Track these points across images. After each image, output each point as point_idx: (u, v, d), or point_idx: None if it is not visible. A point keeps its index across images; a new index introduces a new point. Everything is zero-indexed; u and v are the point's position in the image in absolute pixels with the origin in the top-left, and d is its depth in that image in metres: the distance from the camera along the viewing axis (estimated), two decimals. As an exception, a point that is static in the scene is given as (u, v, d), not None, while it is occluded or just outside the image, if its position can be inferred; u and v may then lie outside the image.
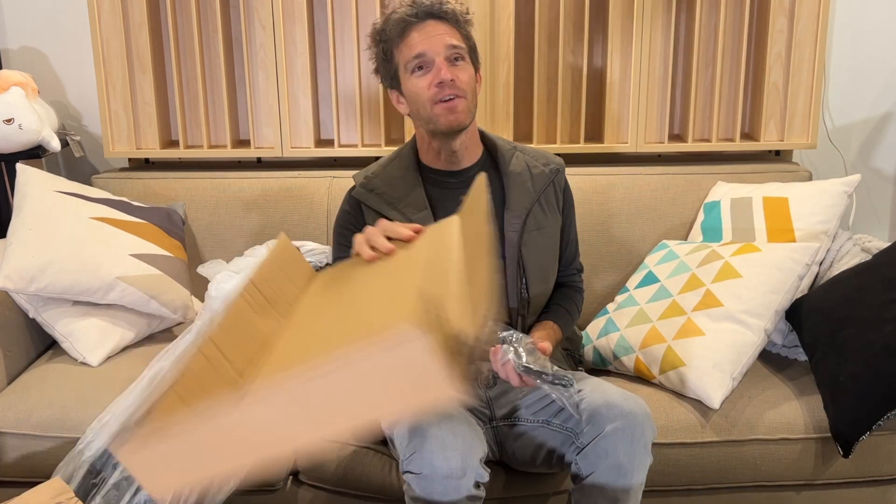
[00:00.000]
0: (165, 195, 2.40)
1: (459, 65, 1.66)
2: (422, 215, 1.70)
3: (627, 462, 1.52)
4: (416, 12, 1.66)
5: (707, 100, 2.46)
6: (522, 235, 1.73)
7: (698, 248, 2.09)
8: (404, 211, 1.71)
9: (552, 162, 1.82)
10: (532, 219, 1.76)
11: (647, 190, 2.35)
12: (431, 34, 1.65)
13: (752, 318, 1.91)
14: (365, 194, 1.76)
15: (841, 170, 2.68)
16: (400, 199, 1.72)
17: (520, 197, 1.75)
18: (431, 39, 1.64)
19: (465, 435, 1.49)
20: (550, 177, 1.79)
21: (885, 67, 2.62)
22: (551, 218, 1.80)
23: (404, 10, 1.67)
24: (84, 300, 2.05)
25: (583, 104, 2.43)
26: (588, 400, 1.59)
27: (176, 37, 2.41)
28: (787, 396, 1.91)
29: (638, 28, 2.34)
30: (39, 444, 1.86)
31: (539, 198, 1.77)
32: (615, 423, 1.54)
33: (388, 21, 1.68)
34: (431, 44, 1.64)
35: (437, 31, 1.65)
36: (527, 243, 1.74)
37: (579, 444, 1.58)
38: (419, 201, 1.72)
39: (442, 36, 1.65)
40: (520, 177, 1.76)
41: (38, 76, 2.55)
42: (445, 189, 1.75)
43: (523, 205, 1.75)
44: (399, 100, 1.74)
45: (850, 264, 2.02)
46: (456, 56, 1.65)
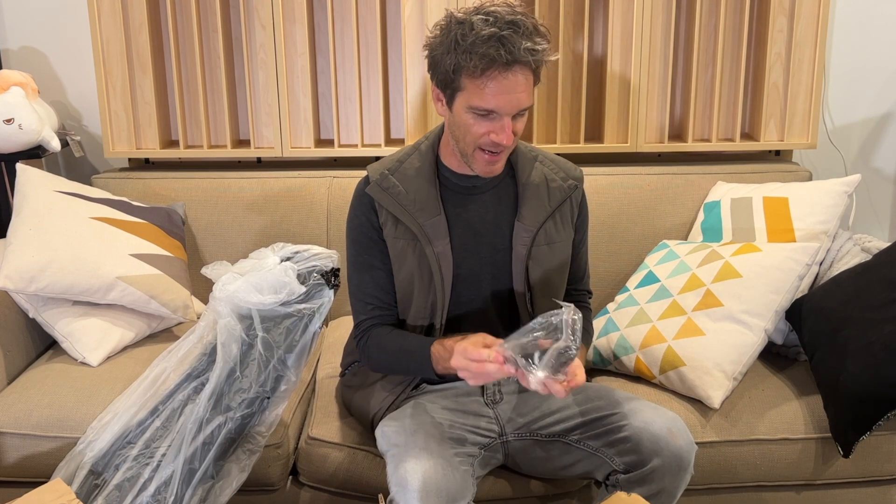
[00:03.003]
0: (165, 195, 2.40)
1: (521, 117, 1.58)
2: (434, 221, 1.67)
3: (672, 487, 1.56)
4: (506, 57, 1.48)
5: (707, 100, 2.46)
6: (531, 249, 1.69)
7: (698, 248, 2.09)
8: (417, 216, 1.67)
9: (571, 176, 1.75)
10: (543, 233, 1.70)
11: (647, 190, 2.35)
12: (509, 90, 1.51)
13: (752, 318, 1.91)
14: (379, 192, 1.69)
15: (841, 170, 2.68)
16: (414, 203, 1.67)
17: (534, 211, 1.70)
18: (507, 97, 1.52)
19: (448, 489, 1.47)
20: (568, 192, 1.73)
21: (885, 67, 2.62)
22: (563, 233, 1.74)
23: (496, 47, 1.48)
24: (84, 300, 2.05)
25: (583, 104, 2.43)
26: (631, 428, 1.58)
27: (176, 37, 2.41)
28: (787, 396, 1.91)
29: (638, 28, 2.34)
30: (39, 444, 1.86)
31: (553, 212, 1.71)
32: (662, 458, 1.54)
33: (473, 41, 1.49)
34: (504, 102, 1.52)
35: (516, 86, 1.51)
36: (535, 258, 1.70)
37: (617, 466, 1.59)
38: (433, 206, 1.67)
39: (518, 96, 1.52)
40: (536, 189, 1.70)
41: (38, 76, 2.55)
42: (461, 194, 1.71)
43: (536, 219, 1.69)
44: (441, 101, 1.62)
45: (850, 264, 2.02)
46: (522, 113, 1.57)
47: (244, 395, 1.66)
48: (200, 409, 1.64)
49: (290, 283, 1.67)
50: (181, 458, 1.61)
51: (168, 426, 1.66)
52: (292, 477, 1.88)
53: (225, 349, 1.67)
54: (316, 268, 1.69)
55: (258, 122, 2.49)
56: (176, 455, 1.61)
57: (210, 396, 1.65)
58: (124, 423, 1.68)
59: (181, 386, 1.70)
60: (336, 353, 2.10)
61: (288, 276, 1.67)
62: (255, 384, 1.67)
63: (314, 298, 1.70)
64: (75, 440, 1.83)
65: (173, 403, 1.68)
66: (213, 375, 1.66)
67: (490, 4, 1.53)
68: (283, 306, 1.68)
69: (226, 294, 1.67)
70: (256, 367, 1.67)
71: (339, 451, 1.80)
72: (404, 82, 2.41)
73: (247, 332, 1.68)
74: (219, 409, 1.65)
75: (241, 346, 1.67)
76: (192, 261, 2.36)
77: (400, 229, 1.68)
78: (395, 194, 1.68)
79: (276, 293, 1.66)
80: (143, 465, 1.63)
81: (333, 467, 1.79)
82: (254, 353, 1.67)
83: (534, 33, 1.50)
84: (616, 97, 2.42)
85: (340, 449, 1.80)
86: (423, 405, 1.68)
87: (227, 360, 1.66)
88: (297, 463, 1.86)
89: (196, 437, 1.63)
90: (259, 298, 1.67)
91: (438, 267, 1.67)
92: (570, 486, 1.79)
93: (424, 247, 1.67)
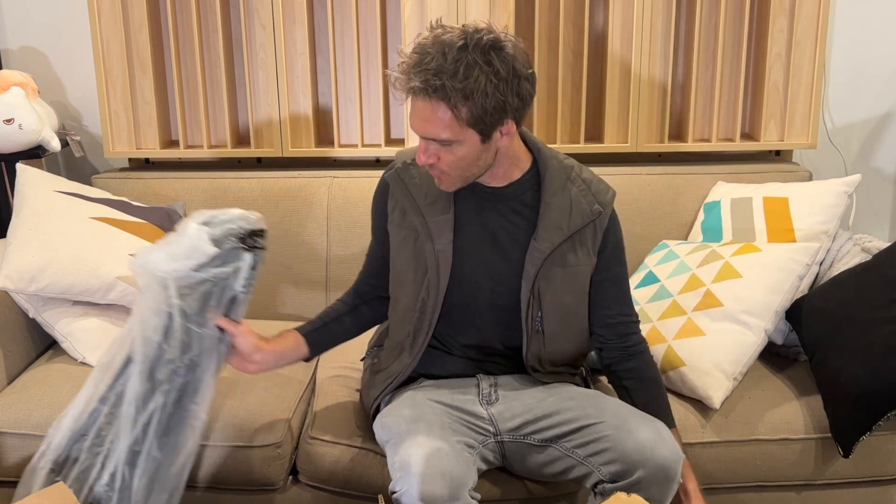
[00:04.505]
0: (165, 195, 2.40)
1: (446, 148, 1.53)
2: (441, 219, 1.66)
3: (659, 496, 1.55)
4: (403, 89, 1.50)
5: (707, 100, 2.46)
6: (541, 269, 1.65)
7: (698, 248, 2.09)
8: (425, 211, 1.67)
9: (599, 200, 1.68)
10: (558, 255, 1.66)
11: (647, 190, 2.35)
12: (415, 114, 1.52)
13: (752, 318, 1.91)
14: (396, 181, 1.71)
15: (841, 170, 2.68)
16: (425, 197, 1.67)
17: (550, 232, 1.64)
18: (415, 120, 1.53)
19: (452, 472, 1.47)
20: (590, 217, 1.67)
21: (885, 67, 2.62)
22: (583, 258, 1.68)
23: (400, 79, 1.50)
24: (84, 300, 2.05)
25: (583, 104, 2.43)
26: (614, 439, 1.56)
27: (176, 37, 2.41)
28: (787, 396, 1.91)
29: (638, 28, 2.34)
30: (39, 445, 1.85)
31: (572, 237, 1.66)
32: (646, 470, 1.53)
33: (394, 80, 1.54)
34: (414, 125, 1.54)
35: (421, 112, 1.51)
36: (546, 277, 1.66)
37: (603, 476, 1.58)
38: (443, 204, 1.67)
39: (424, 123, 1.51)
40: (557, 211, 1.65)
41: (38, 76, 2.55)
42: (476, 196, 1.68)
43: (552, 240, 1.64)
44: None
45: (850, 264, 2.02)
46: (444, 144, 1.53)
47: (172, 365, 1.59)
48: (136, 388, 1.58)
49: (201, 247, 1.59)
50: (124, 442, 1.57)
51: (115, 412, 1.60)
52: (292, 477, 1.88)
53: (144, 323, 1.60)
54: (232, 230, 1.60)
55: (258, 122, 2.49)
56: (120, 437, 1.58)
57: (141, 374, 1.59)
58: (76, 416, 1.63)
59: (123, 369, 1.63)
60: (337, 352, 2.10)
61: (201, 240, 1.59)
62: (180, 354, 1.60)
63: (231, 262, 1.60)
64: (75, 440, 1.83)
65: (117, 388, 1.62)
66: (137, 351, 1.60)
67: (441, 30, 1.50)
68: (198, 271, 1.59)
69: (143, 266, 1.60)
70: (179, 336, 1.60)
71: (339, 450, 1.80)
72: (404, 82, 2.41)
73: (165, 302, 1.59)
74: (152, 385, 1.59)
75: (161, 317, 1.59)
76: (192, 261, 2.36)
77: (406, 220, 1.69)
78: (409, 185, 1.70)
79: (188, 259, 1.59)
80: (94, 454, 1.59)
81: (333, 467, 1.79)
82: (174, 322, 1.60)
83: (434, 70, 1.45)
84: (616, 97, 2.42)
85: (340, 449, 1.80)
86: (421, 398, 1.68)
87: (148, 334, 1.59)
88: (296, 463, 1.86)
89: (137, 418, 1.58)
90: (173, 266, 1.59)
91: (436, 265, 1.66)
92: (567, 488, 1.79)
93: (425, 243, 1.67)
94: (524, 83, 1.52)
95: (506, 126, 1.55)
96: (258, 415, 1.85)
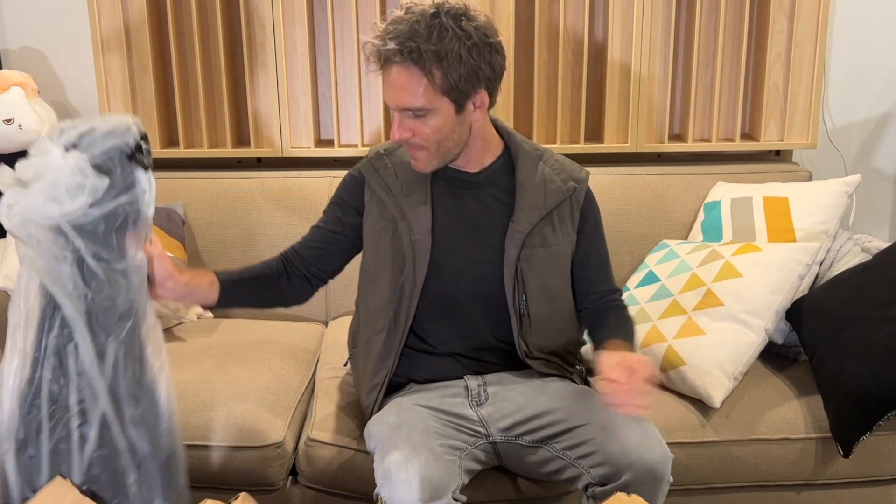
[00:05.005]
0: (165, 195, 2.39)
1: (421, 119, 1.55)
2: (419, 210, 1.67)
3: (650, 497, 1.54)
4: (378, 59, 1.54)
5: (707, 100, 2.46)
6: (522, 251, 1.66)
7: (699, 248, 2.09)
8: (402, 203, 1.68)
9: (573, 178, 1.71)
10: (537, 235, 1.67)
11: (647, 190, 2.35)
12: (391, 86, 1.54)
13: (752, 317, 1.91)
14: (370, 171, 1.72)
15: (841, 170, 2.68)
16: (402, 188, 1.68)
17: (527, 212, 1.66)
18: (388, 92, 1.56)
19: (431, 476, 1.47)
20: (566, 194, 1.68)
21: (885, 67, 2.62)
22: (562, 237, 1.70)
23: (374, 52, 1.54)
24: (84, 300, 2.04)
25: (583, 104, 2.43)
26: (601, 441, 1.56)
27: (176, 37, 2.41)
28: (787, 396, 1.91)
29: (638, 28, 2.34)
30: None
31: (549, 214, 1.68)
32: (634, 472, 1.52)
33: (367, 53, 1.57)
34: (388, 97, 1.56)
35: (396, 82, 1.53)
36: (527, 259, 1.66)
37: (592, 479, 1.57)
38: (420, 194, 1.68)
39: (397, 92, 1.54)
40: (532, 190, 1.67)
41: (38, 76, 2.55)
42: (456, 187, 1.70)
43: (529, 220, 1.66)
44: None
45: (850, 264, 2.02)
46: (418, 114, 1.55)
47: (112, 309, 1.44)
48: (88, 345, 1.43)
49: (88, 181, 1.37)
50: (103, 397, 1.43)
51: (63, 373, 1.44)
52: (292, 477, 1.88)
53: (54, 276, 1.40)
54: (115, 149, 1.40)
55: (258, 122, 2.49)
56: (95, 396, 1.44)
57: (85, 328, 1.42)
58: (13, 388, 1.45)
59: (43, 336, 1.45)
60: (336, 353, 2.10)
61: (81, 171, 1.37)
62: (114, 295, 1.44)
63: (129, 187, 1.41)
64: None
65: (49, 352, 1.44)
66: (66, 310, 1.42)
67: (412, 5, 1.56)
68: (96, 207, 1.38)
69: (19, 217, 1.38)
70: (102, 278, 1.42)
71: (338, 451, 1.80)
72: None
73: (68, 248, 1.40)
74: (102, 333, 1.44)
75: (70, 264, 1.41)
76: (192, 261, 2.36)
77: (385, 212, 1.69)
78: (384, 175, 1.70)
79: (75, 198, 1.36)
80: (63, 421, 1.44)
81: (333, 468, 1.79)
82: (88, 267, 1.41)
83: (408, 34, 1.50)
84: (616, 97, 2.42)
85: (340, 450, 1.80)
86: (409, 404, 1.68)
87: (66, 287, 1.41)
88: (296, 463, 1.86)
89: (103, 370, 1.43)
90: (60, 209, 1.37)
91: (412, 255, 1.66)
92: (561, 488, 1.78)
93: (403, 233, 1.67)
94: (495, 55, 1.56)
95: (479, 96, 1.57)
96: (258, 415, 1.85)
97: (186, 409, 1.84)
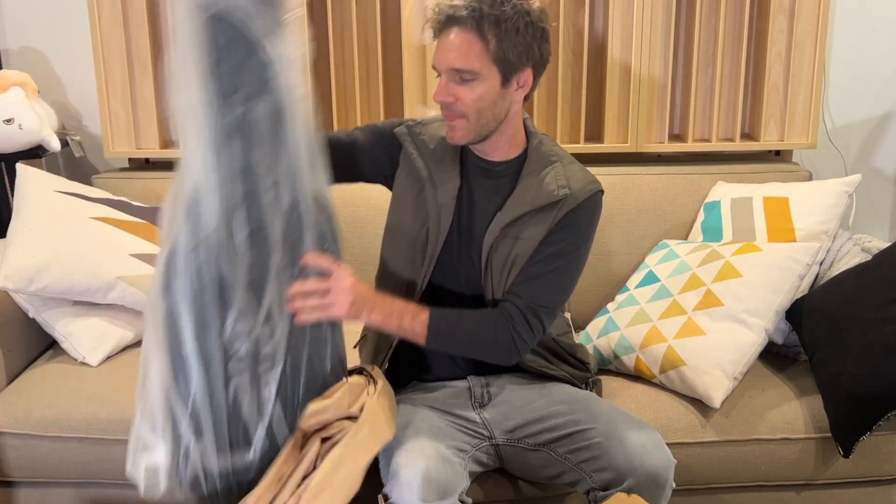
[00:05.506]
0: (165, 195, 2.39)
1: (467, 85, 1.55)
2: (449, 187, 1.66)
3: (653, 502, 1.54)
4: (438, 19, 1.56)
5: (707, 100, 2.46)
6: (496, 240, 1.64)
7: (699, 248, 2.09)
8: (433, 168, 1.68)
9: (571, 186, 1.63)
10: (514, 227, 1.64)
11: (647, 190, 2.35)
12: (442, 49, 1.56)
13: (752, 317, 1.91)
14: (405, 136, 1.71)
15: (841, 170, 2.68)
16: (433, 159, 1.69)
17: (514, 204, 1.65)
18: (439, 55, 1.57)
19: (439, 479, 1.47)
20: (554, 198, 1.62)
21: (885, 67, 2.62)
22: (532, 236, 1.64)
23: (436, 15, 1.57)
24: (84, 300, 2.05)
25: (583, 104, 2.43)
26: (604, 446, 1.56)
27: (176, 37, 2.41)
28: (787, 396, 1.91)
29: (638, 28, 2.34)
30: (39, 444, 1.86)
31: (533, 213, 1.63)
32: (636, 478, 1.52)
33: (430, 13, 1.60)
34: (438, 59, 1.57)
35: (447, 44, 1.55)
36: (496, 248, 1.64)
37: (594, 483, 1.57)
38: (450, 166, 1.68)
39: (447, 54, 1.55)
40: (527, 188, 1.65)
41: (38, 76, 2.55)
42: (472, 171, 1.70)
43: (514, 212, 1.64)
44: None
45: (850, 264, 2.02)
46: (465, 78, 1.55)
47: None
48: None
49: None
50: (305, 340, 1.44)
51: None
52: (292, 477, 1.88)
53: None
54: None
55: (258, 122, 2.48)
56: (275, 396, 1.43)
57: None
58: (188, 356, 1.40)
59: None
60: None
61: None
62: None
63: None
64: (75, 439, 1.83)
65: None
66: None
67: None
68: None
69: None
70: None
71: (339, 450, 1.80)
72: (404, 82, 2.41)
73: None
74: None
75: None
76: (192, 261, 2.36)
77: (413, 172, 1.69)
78: (419, 143, 1.71)
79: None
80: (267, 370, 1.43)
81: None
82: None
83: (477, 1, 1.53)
84: (616, 97, 2.42)
85: (340, 449, 1.80)
86: (413, 404, 1.68)
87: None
88: (297, 463, 1.86)
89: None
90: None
91: (437, 217, 1.66)
92: (564, 489, 1.78)
93: (428, 193, 1.67)
94: (545, 42, 1.59)
95: (524, 75, 1.59)
96: (258, 415, 1.85)
97: (186, 409, 1.84)
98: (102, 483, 1.90)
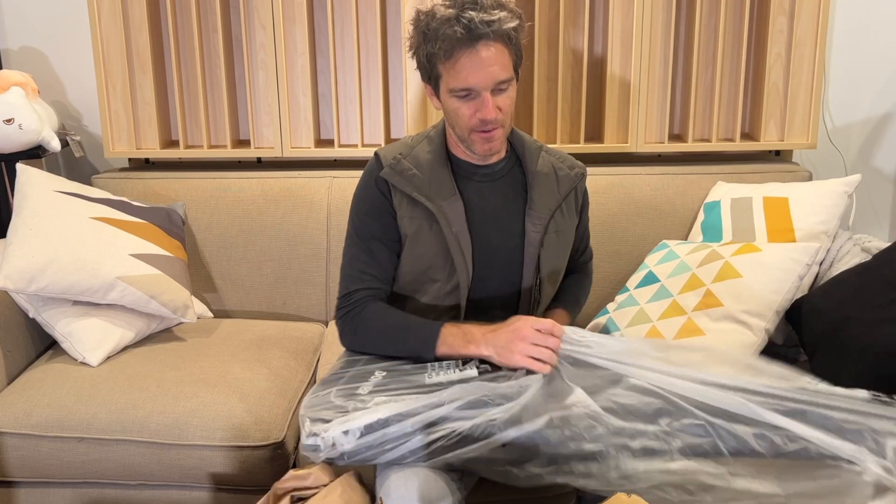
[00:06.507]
0: (165, 195, 2.40)
1: (504, 92, 1.58)
2: (451, 202, 1.68)
3: None
4: (466, 35, 1.52)
5: (707, 100, 2.46)
6: (543, 238, 1.71)
7: (698, 248, 2.09)
8: (433, 197, 1.67)
9: (576, 166, 1.80)
10: (553, 222, 1.73)
11: (647, 190, 2.35)
12: (481, 66, 1.54)
13: (752, 317, 1.91)
14: (394, 175, 1.68)
15: (841, 170, 2.68)
16: (429, 184, 1.68)
17: (544, 198, 1.72)
18: (480, 73, 1.54)
19: (429, 494, 1.46)
20: (575, 181, 1.77)
21: (885, 67, 2.62)
22: (569, 221, 1.79)
23: (453, 27, 1.52)
24: (84, 300, 2.05)
25: (583, 104, 2.43)
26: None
27: (176, 37, 2.41)
28: (787, 396, 1.91)
29: (638, 28, 2.34)
30: (39, 444, 1.86)
31: (562, 201, 1.75)
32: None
33: (436, 27, 1.54)
34: (480, 78, 1.55)
35: (487, 60, 1.54)
36: (545, 246, 1.72)
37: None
38: (448, 188, 1.69)
39: (490, 70, 1.54)
40: (546, 178, 1.74)
41: (38, 76, 2.55)
42: (473, 181, 1.72)
43: (548, 206, 1.72)
44: (432, 94, 1.67)
45: (850, 264, 2.02)
46: (502, 88, 1.58)
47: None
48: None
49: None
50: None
51: None
52: (292, 477, 1.88)
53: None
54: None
55: (258, 122, 2.49)
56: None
57: None
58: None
59: None
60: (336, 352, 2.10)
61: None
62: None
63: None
64: (75, 439, 1.83)
65: None
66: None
67: None
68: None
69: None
70: None
71: (339, 451, 1.80)
72: (404, 82, 2.41)
73: None
74: None
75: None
76: (192, 261, 2.36)
77: (416, 210, 1.68)
78: (409, 177, 1.68)
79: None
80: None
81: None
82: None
83: (491, 6, 1.54)
84: (616, 97, 2.42)
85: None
86: None
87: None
88: (296, 463, 1.86)
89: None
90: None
91: (459, 247, 1.67)
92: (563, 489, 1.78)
93: (443, 227, 1.67)
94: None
95: (518, 73, 1.64)
96: (258, 415, 1.85)
97: (186, 408, 1.84)
98: (102, 483, 1.90)
